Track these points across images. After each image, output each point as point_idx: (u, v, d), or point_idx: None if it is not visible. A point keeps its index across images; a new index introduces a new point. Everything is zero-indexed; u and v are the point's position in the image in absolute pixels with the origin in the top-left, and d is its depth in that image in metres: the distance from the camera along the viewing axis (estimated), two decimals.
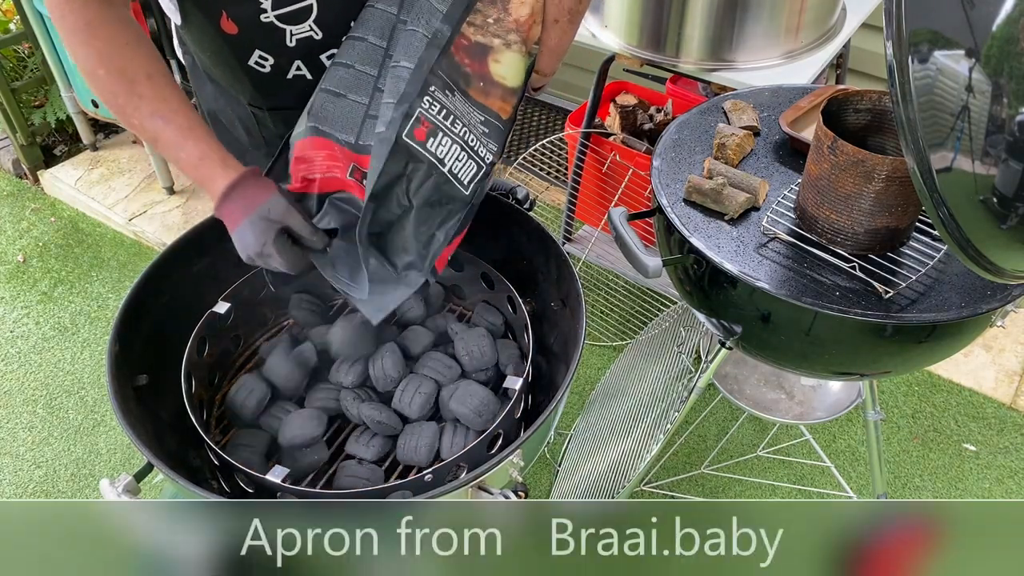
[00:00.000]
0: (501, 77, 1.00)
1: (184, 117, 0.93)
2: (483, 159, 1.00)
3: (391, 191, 0.95)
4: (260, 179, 0.95)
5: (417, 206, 0.97)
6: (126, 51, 0.90)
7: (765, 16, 1.67)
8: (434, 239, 0.99)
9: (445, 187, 0.97)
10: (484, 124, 1.00)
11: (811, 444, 1.95)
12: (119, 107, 0.92)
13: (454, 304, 1.41)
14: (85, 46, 0.89)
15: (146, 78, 0.91)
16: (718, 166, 1.24)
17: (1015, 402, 2.12)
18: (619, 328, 2.30)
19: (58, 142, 3.18)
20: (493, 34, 0.99)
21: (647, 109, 2.30)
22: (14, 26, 3.03)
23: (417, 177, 0.95)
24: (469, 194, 1.00)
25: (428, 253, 0.99)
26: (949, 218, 0.82)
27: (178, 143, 0.93)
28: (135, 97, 0.91)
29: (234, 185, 0.92)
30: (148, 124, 0.92)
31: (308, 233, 0.95)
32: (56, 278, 2.63)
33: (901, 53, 0.78)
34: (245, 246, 0.93)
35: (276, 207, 0.93)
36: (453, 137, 0.97)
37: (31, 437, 2.13)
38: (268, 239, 0.91)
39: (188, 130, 0.93)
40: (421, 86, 0.94)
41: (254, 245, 0.92)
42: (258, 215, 0.92)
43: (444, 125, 0.96)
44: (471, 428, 1.12)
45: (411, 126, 0.94)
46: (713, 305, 1.21)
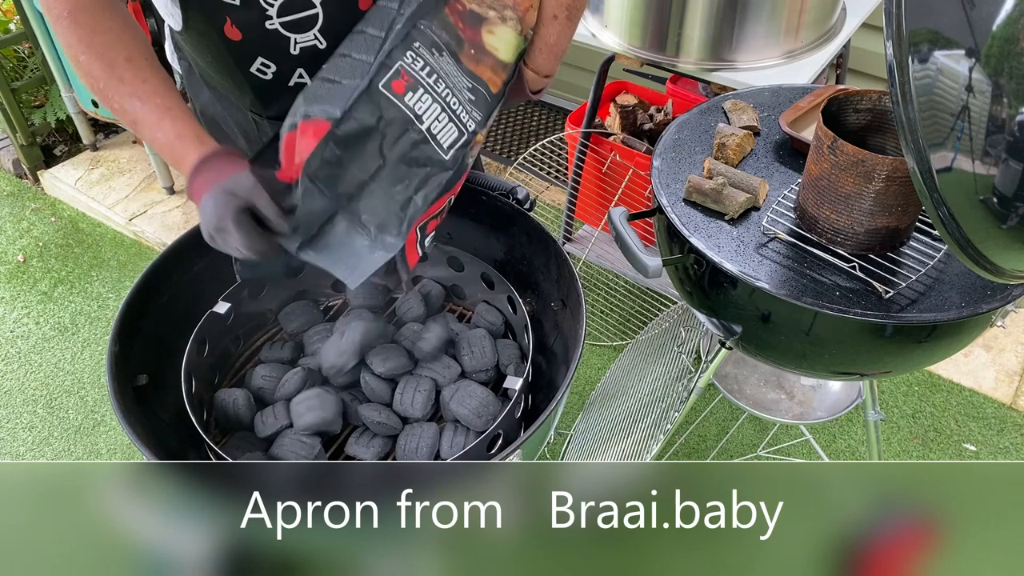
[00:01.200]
0: (494, 48, 0.98)
1: (162, 98, 0.92)
2: (465, 125, 0.96)
3: (363, 144, 0.91)
4: (232, 157, 0.92)
5: (391, 162, 0.92)
6: (107, 36, 0.91)
7: (765, 16, 1.67)
8: (411, 203, 0.94)
9: (423, 147, 0.93)
10: (471, 91, 0.97)
11: (811, 444, 1.95)
12: (100, 91, 0.92)
13: (454, 304, 1.41)
14: (68, 33, 0.90)
15: (126, 61, 0.91)
16: (718, 166, 1.24)
17: (1015, 402, 2.12)
18: (619, 328, 2.30)
19: (58, 142, 3.18)
20: (489, 6, 0.97)
21: (647, 109, 2.30)
22: (14, 26, 3.04)
23: (391, 132, 0.91)
24: (449, 159, 0.95)
25: (405, 216, 0.94)
26: (949, 218, 0.82)
27: (155, 123, 0.92)
28: (115, 80, 0.91)
29: (204, 160, 0.90)
30: (127, 106, 0.92)
31: (273, 215, 0.89)
32: (56, 278, 2.63)
33: (901, 53, 0.78)
34: (206, 219, 0.88)
35: (241, 183, 0.88)
36: (434, 96, 0.93)
37: (31, 437, 2.13)
38: (226, 213, 0.86)
39: (165, 110, 0.92)
40: (403, 38, 0.91)
41: (211, 219, 0.87)
42: (220, 188, 0.88)
43: (427, 82, 0.93)
44: (471, 429, 1.12)
45: (389, 77, 0.90)
46: (713, 305, 1.21)
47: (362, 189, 0.93)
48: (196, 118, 1.01)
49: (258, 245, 0.89)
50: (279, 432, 1.11)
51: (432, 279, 1.36)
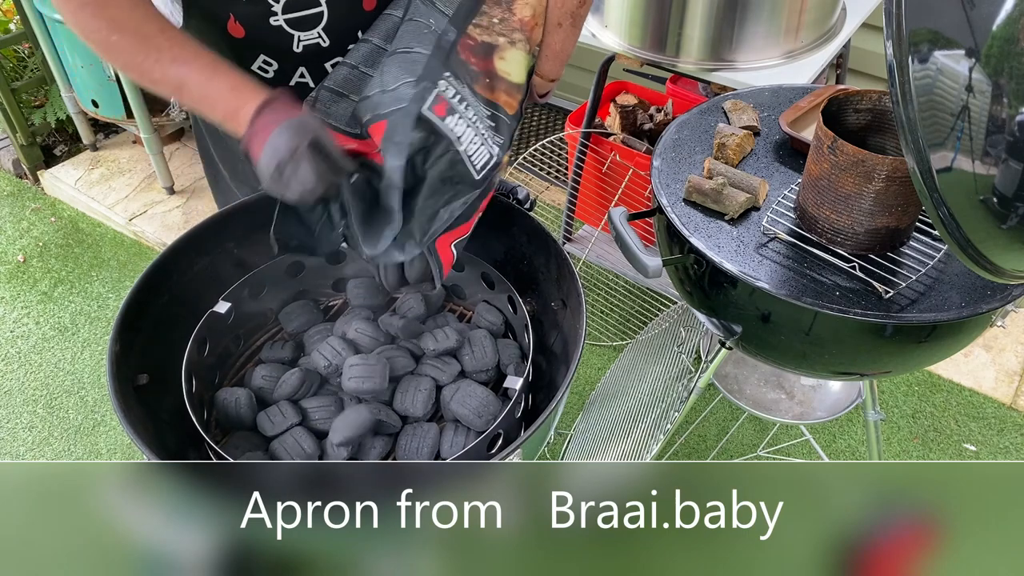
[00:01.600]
0: (506, 73, 1.01)
1: (207, 57, 0.92)
2: (491, 149, 1.01)
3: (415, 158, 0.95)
4: (296, 101, 0.93)
5: (430, 179, 0.96)
6: (136, 12, 0.91)
7: (765, 16, 1.68)
8: (437, 216, 0.98)
9: (459, 167, 0.97)
10: (491, 119, 1.01)
11: (811, 444, 1.95)
12: (138, 66, 0.92)
13: (454, 304, 1.41)
14: (94, 18, 0.90)
15: (159, 31, 0.91)
16: (718, 166, 1.24)
17: (1015, 402, 2.12)
18: (619, 328, 2.30)
19: (58, 142, 3.18)
20: (498, 33, 1.00)
21: (647, 109, 2.30)
22: (14, 26, 3.04)
23: (435, 151, 0.95)
24: (480, 179, 0.99)
25: (430, 229, 0.98)
26: (949, 218, 0.82)
27: (205, 81, 0.91)
28: (154, 51, 0.91)
29: (268, 101, 0.90)
30: (171, 72, 0.91)
31: (338, 152, 0.91)
32: (56, 278, 2.63)
33: (901, 53, 0.78)
34: (276, 150, 0.88)
35: (311, 120, 0.90)
36: (467, 121, 0.97)
37: (31, 437, 2.13)
38: (302, 142, 0.87)
39: (214, 68, 0.92)
40: (441, 67, 0.94)
41: (286, 147, 0.88)
42: (292, 122, 0.89)
43: (459, 108, 0.96)
44: (471, 429, 1.12)
45: (431, 101, 0.93)
46: (713, 305, 1.21)
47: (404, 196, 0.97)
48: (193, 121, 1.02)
49: (327, 176, 0.89)
50: (287, 431, 1.11)
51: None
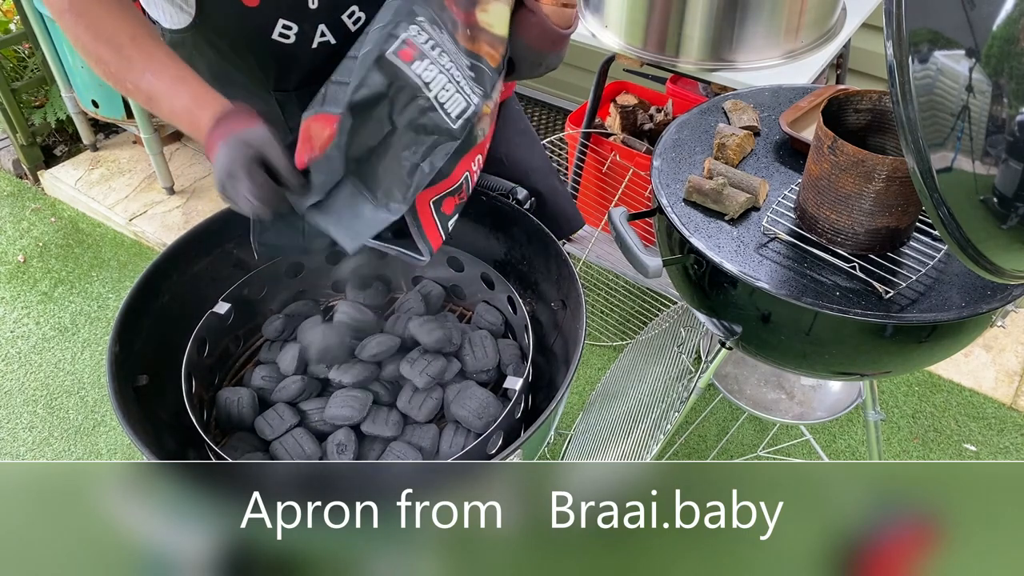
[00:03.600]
0: (488, 24, 1.01)
1: (174, 69, 0.94)
2: (470, 97, 0.98)
3: (372, 111, 0.92)
4: (250, 113, 0.93)
5: (400, 127, 0.93)
6: (110, 21, 0.93)
7: (765, 16, 1.68)
8: (418, 170, 0.94)
9: (431, 114, 0.94)
10: (471, 68, 0.99)
11: (811, 444, 1.95)
12: (112, 75, 0.94)
13: (454, 304, 1.41)
14: (73, 25, 0.93)
15: (131, 40, 0.93)
16: (718, 166, 1.24)
17: (1015, 402, 2.12)
18: (619, 328, 2.30)
19: (58, 142, 3.18)
20: None
21: (647, 109, 2.30)
22: (14, 26, 3.04)
23: (401, 98, 0.92)
24: (457, 128, 0.96)
25: (411, 183, 0.94)
26: (949, 218, 0.82)
27: (171, 92, 0.93)
28: (124, 60, 0.93)
29: (223, 115, 0.91)
30: (141, 83, 0.93)
31: (285, 168, 0.90)
32: (56, 278, 2.63)
33: (901, 53, 0.78)
34: (217, 168, 0.89)
35: (256, 134, 0.89)
36: (440, 67, 0.95)
37: (31, 437, 2.13)
38: (238, 159, 0.87)
39: (179, 79, 0.93)
40: (407, 13, 0.93)
41: (224, 165, 0.88)
42: (235, 137, 0.89)
43: (431, 54, 0.94)
44: (471, 430, 1.12)
45: (396, 46, 0.92)
46: (713, 305, 1.21)
47: (371, 154, 0.94)
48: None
49: (266, 194, 0.89)
50: (286, 432, 1.11)
51: (432, 279, 1.36)
